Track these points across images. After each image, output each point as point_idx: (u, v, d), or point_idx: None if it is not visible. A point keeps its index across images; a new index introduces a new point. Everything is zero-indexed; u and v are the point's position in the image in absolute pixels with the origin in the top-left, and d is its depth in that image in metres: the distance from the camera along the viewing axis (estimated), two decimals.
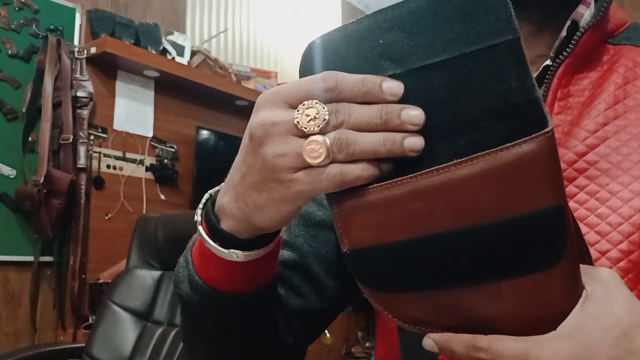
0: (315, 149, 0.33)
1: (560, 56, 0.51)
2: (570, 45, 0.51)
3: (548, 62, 0.52)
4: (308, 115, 0.33)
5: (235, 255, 0.43)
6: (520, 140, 0.30)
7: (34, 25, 2.19)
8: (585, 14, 0.53)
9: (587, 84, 0.51)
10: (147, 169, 2.52)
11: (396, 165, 0.33)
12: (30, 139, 2.13)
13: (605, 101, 0.49)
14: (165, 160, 2.60)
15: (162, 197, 2.56)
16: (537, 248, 0.33)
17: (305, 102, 0.34)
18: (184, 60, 2.66)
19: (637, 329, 0.33)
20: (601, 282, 0.35)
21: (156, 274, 1.74)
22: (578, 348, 0.33)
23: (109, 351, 1.61)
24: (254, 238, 0.43)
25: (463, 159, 0.31)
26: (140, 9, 2.64)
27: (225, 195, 0.41)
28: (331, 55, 0.34)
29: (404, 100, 0.33)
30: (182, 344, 1.56)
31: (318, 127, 0.33)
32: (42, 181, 2.02)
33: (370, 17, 0.33)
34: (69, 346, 1.77)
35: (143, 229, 1.81)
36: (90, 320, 2.14)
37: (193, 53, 2.74)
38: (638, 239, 0.44)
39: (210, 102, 2.80)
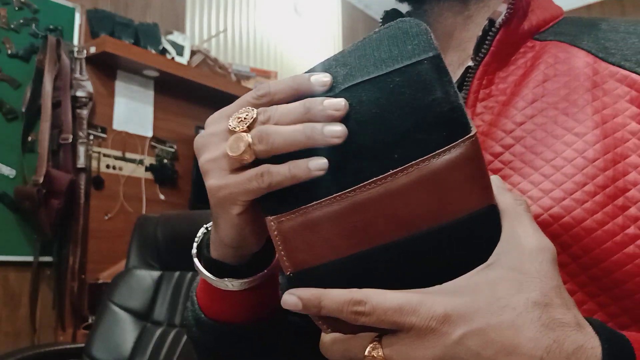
0: (237, 143, 0.35)
1: (479, 56, 0.50)
2: (486, 45, 0.50)
3: (470, 62, 0.51)
4: (239, 118, 0.36)
5: (231, 284, 0.43)
6: (449, 146, 0.32)
7: (33, 25, 2.19)
8: (502, 12, 0.51)
9: (510, 82, 0.50)
10: (146, 169, 2.52)
11: (335, 181, 0.33)
12: (29, 138, 2.13)
13: (524, 99, 0.48)
14: (165, 160, 2.60)
15: (162, 197, 2.56)
16: (479, 248, 0.34)
17: (240, 109, 0.37)
18: (183, 60, 2.66)
19: (529, 308, 0.31)
20: (523, 252, 0.34)
21: (156, 274, 1.74)
22: (459, 303, 0.32)
23: (109, 351, 1.61)
24: (246, 263, 0.43)
25: (398, 169, 0.32)
26: (139, 8, 2.63)
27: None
28: None
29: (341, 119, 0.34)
30: (181, 344, 1.56)
31: (246, 124, 0.35)
32: (41, 181, 2.02)
33: (320, 64, 0.37)
34: (68, 346, 1.77)
35: (143, 229, 1.81)
36: (90, 321, 2.14)
37: (193, 53, 2.74)
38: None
39: (210, 101, 2.80)
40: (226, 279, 0.43)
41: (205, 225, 0.46)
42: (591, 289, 0.43)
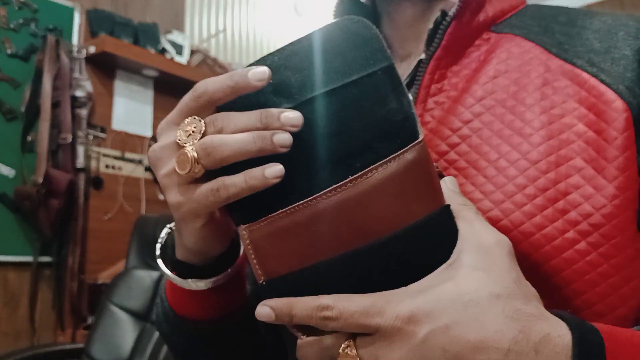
0: (183, 161, 0.34)
1: (430, 50, 0.48)
2: (437, 38, 0.48)
3: (422, 56, 0.49)
4: (187, 131, 0.35)
5: (195, 284, 0.43)
6: (402, 150, 0.33)
7: (33, 24, 2.18)
8: (456, 3, 0.49)
9: (463, 76, 0.48)
10: (146, 169, 2.51)
11: (299, 190, 0.34)
12: (29, 138, 2.12)
13: (473, 96, 0.46)
14: None
15: (161, 197, 2.56)
16: (439, 248, 0.34)
17: (186, 119, 0.35)
18: (183, 59, 2.65)
19: (492, 302, 0.32)
20: (480, 250, 0.34)
21: (155, 274, 1.74)
22: (424, 302, 0.32)
23: (108, 352, 1.60)
24: (211, 263, 0.43)
25: (357, 174, 0.33)
26: (139, 8, 2.63)
27: None
28: (226, 103, 0.35)
29: (300, 131, 0.33)
30: None
31: (196, 139, 0.34)
32: (41, 181, 2.01)
33: (258, 61, 0.35)
34: (68, 347, 1.77)
35: (142, 230, 1.81)
36: (89, 321, 2.13)
37: (192, 52, 2.74)
38: None
39: None
40: (190, 280, 0.43)
41: (168, 225, 0.46)
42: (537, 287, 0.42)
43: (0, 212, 2.03)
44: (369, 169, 0.33)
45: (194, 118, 0.35)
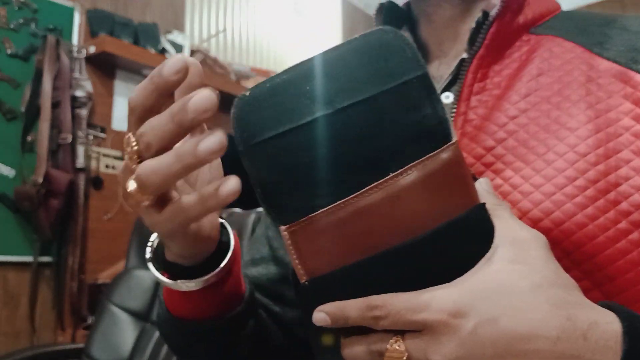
0: (129, 194, 0.34)
1: (473, 49, 0.50)
2: (480, 37, 0.50)
3: (464, 55, 0.51)
4: (128, 152, 0.35)
5: (185, 285, 0.43)
6: (439, 150, 0.34)
7: (33, 24, 2.18)
8: (497, 4, 0.51)
9: (505, 75, 0.50)
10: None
11: (339, 190, 0.34)
12: (29, 138, 2.12)
13: (517, 93, 0.48)
14: None
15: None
16: (478, 244, 0.35)
17: (125, 138, 0.35)
18: None
19: (535, 292, 0.32)
20: (517, 244, 0.34)
21: None
22: (468, 295, 0.32)
23: (108, 352, 1.60)
24: (202, 262, 0.43)
25: (398, 171, 0.34)
26: (139, 8, 2.63)
27: None
28: (262, 105, 0.36)
29: (336, 135, 0.34)
30: None
31: (137, 159, 0.34)
32: (40, 181, 2.01)
33: (294, 68, 0.36)
34: (67, 347, 1.77)
35: (142, 230, 1.80)
36: (89, 321, 2.13)
37: (192, 52, 2.74)
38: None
39: None
40: (179, 281, 0.43)
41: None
42: (585, 283, 0.42)
43: (0, 212, 2.03)
44: (408, 166, 0.34)
45: (130, 136, 0.35)
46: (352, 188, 0.34)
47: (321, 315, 0.35)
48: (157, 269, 0.44)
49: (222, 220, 0.46)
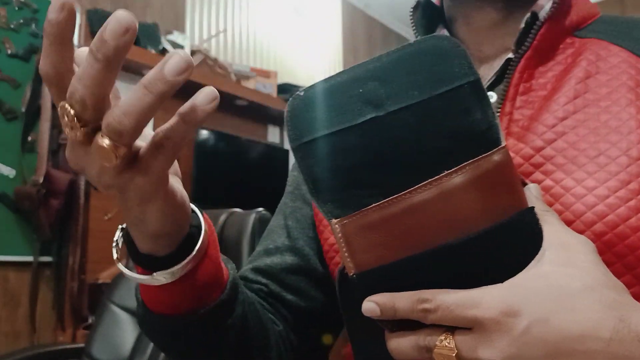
0: (104, 152, 0.32)
1: (521, 49, 0.50)
2: (529, 38, 0.50)
3: (510, 55, 0.52)
4: (65, 120, 0.32)
5: (163, 277, 0.41)
6: (490, 152, 0.35)
7: (33, 24, 2.18)
8: (545, 5, 0.52)
9: (550, 77, 0.50)
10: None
11: (391, 186, 0.36)
12: (29, 138, 2.13)
13: (565, 95, 0.48)
14: None
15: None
16: (527, 247, 0.36)
17: (58, 108, 0.32)
18: None
19: (587, 293, 0.32)
20: (566, 248, 0.35)
21: None
22: (519, 295, 0.33)
23: (108, 352, 1.60)
24: (177, 251, 0.41)
25: (451, 170, 0.35)
26: (139, 8, 2.63)
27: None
28: (316, 105, 0.37)
29: (384, 138, 0.36)
30: None
31: (80, 124, 0.32)
32: (41, 181, 2.01)
33: (349, 71, 0.37)
34: (68, 346, 1.77)
35: None
36: (90, 321, 2.13)
37: (193, 53, 2.74)
38: (590, 236, 0.43)
39: None
40: (156, 274, 0.41)
41: (120, 226, 0.44)
42: (638, 289, 0.42)
43: (1, 212, 2.04)
44: (461, 166, 0.35)
45: (62, 105, 0.32)
46: (401, 186, 0.35)
47: (371, 305, 0.36)
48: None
49: (192, 206, 0.44)
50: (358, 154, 0.36)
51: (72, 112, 0.31)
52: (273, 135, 3.31)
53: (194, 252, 0.42)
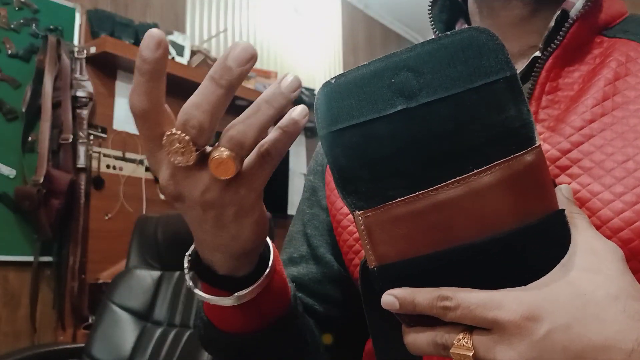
0: (222, 164, 0.35)
1: (549, 48, 0.49)
2: (559, 36, 0.48)
3: (537, 53, 0.50)
4: (175, 147, 0.35)
5: (238, 298, 0.42)
6: (522, 152, 0.34)
7: (33, 25, 2.18)
8: (576, 3, 0.51)
9: (577, 77, 0.49)
10: (147, 169, 2.52)
11: (417, 182, 0.35)
12: (29, 138, 2.13)
13: (593, 97, 0.47)
14: None
15: (162, 197, 2.56)
16: (553, 250, 0.35)
17: (164, 139, 0.35)
18: (183, 60, 2.66)
19: (611, 302, 0.32)
20: (593, 254, 0.34)
21: (156, 274, 1.74)
22: (542, 300, 0.32)
23: (109, 351, 1.61)
24: (253, 271, 0.43)
25: (481, 168, 0.34)
26: (140, 8, 2.63)
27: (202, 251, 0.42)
28: (347, 93, 0.37)
29: (413, 131, 0.35)
30: (181, 344, 1.56)
31: (194, 148, 0.35)
32: (41, 181, 2.02)
33: (381, 60, 0.36)
34: (68, 346, 1.77)
35: (143, 229, 1.81)
36: (90, 321, 2.14)
37: (193, 53, 2.74)
38: (616, 243, 0.42)
39: None
40: (236, 294, 0.42)
41: (187, 253, 0.45)
42: None
43: (1, 212, 2.04)
44: (492, 165, 0.34)
45: (171, 132, 0.35)
46: (429, 181, 0.35)
47: (390, 298, 0.35)
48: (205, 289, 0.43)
49: None
50: (386, 145, 0.35)
51: (186, 137, 0.34)
52: None
53: (268, 268, 0.43)
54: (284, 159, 2.96)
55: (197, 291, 0.43)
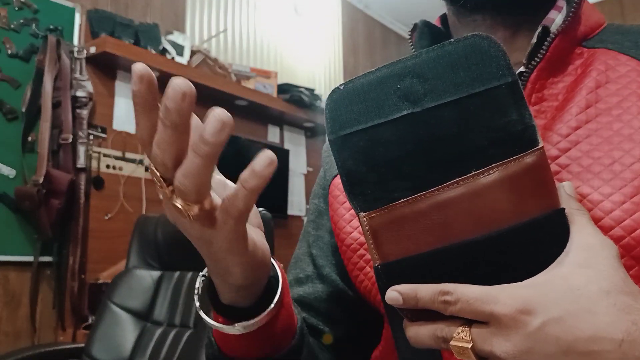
0: (181, 206, 0.36)
1: (533, 62, 0.51)
2: (542, 51, 0.50)
3: (522, 68, 0.52)
4: (169, 197, 0.36)
5: (243, 327, 0.44)
6: (523, 154, 0.36)
7: (33, 25, 2.19)
8: (556, 19, 0.53)
9: (561, 88, 0.51)
10: (146, 169, 2.52)
11: (419, 183, 0.37)
12: (29, 138, 2.13)
13: (577, 105, 0.49)
14: None
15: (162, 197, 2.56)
16: (551, 248, 0.37)
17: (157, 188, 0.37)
18: (183, 60, 2.66)
19: (603, 296, 0.33)
20: (588, 250, 0.36)
21: (156, 274, 1.74)
22: (537, 294, 0.34)
23: (109, 351, 1.61)
24: (257, 302, 0.44)
25: (480, 170, 0.36)
26: (140, 8, 2.63)
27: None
28: (354, 99, 0.38)
29: (418, 135, 0.37)
30: (181, 344, 1.56)
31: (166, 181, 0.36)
32: (41, 181, 2.02)
33: (387, 66, 0.38)
34: (68, 346, 1.77)
35: (143, 229, 1.81)
36: (90, 321, 2.14)
37: (193, 53, 2.74)
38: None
39: (210, 102, 2.79)
40: (237, 325, 0.43)
41: (201, 274, 0.47)
42: None
43: (1, 212, 2.04)
44: (490, 166, 0.36)
45: (150, 169, 0.37)
46: (432, 182, 0.36)
47: (394, 294, 0.37)
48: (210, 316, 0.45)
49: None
50: (392, 149, 0.37)
51: (157, 173, 0.35)
52: (273, 135, 3.32)
53: (272, 305, 0.44)
54: (284, 159, 2.95)
55: (203, 315, 0.45)
